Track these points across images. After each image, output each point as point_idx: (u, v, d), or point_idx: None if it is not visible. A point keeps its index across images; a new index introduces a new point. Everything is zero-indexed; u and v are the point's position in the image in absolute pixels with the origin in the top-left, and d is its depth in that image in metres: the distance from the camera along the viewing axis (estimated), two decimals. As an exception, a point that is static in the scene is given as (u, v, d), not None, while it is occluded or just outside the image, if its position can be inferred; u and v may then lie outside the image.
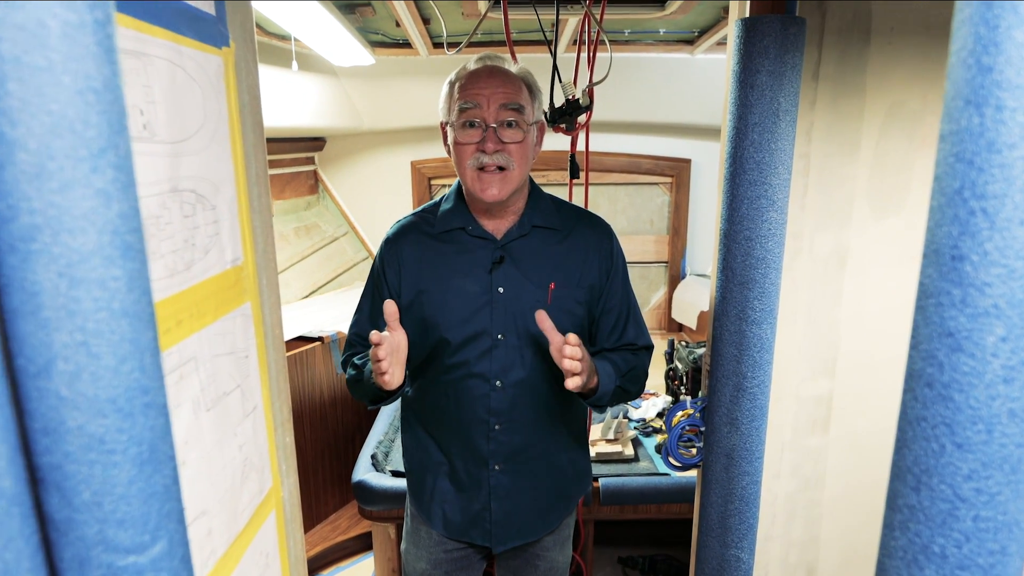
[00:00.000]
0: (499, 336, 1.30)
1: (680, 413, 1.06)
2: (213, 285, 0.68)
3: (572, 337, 1.13)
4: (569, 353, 1.12)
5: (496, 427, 1.33)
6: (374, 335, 1.13)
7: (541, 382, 1.34)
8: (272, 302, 0.85)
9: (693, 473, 2.03)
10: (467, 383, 1.32)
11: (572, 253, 1.34)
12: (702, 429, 1.05)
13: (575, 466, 1.45)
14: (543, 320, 1.16)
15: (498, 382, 1.31)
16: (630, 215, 3.61)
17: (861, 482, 1.34)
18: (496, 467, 1.35)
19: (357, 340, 1.41)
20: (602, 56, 1.58)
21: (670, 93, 3.09)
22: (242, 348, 0.75)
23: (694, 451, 1.08)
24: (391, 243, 1.36)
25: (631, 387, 1.31)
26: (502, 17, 1.61)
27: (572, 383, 1.13)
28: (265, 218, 0.83)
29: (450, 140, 1.29)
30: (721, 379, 0.96)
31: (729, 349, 0.93)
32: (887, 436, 1.31)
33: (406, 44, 2.63)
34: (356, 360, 1.37)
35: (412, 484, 1.47)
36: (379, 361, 1.15)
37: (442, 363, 1.33)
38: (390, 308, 1.16)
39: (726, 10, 2.25)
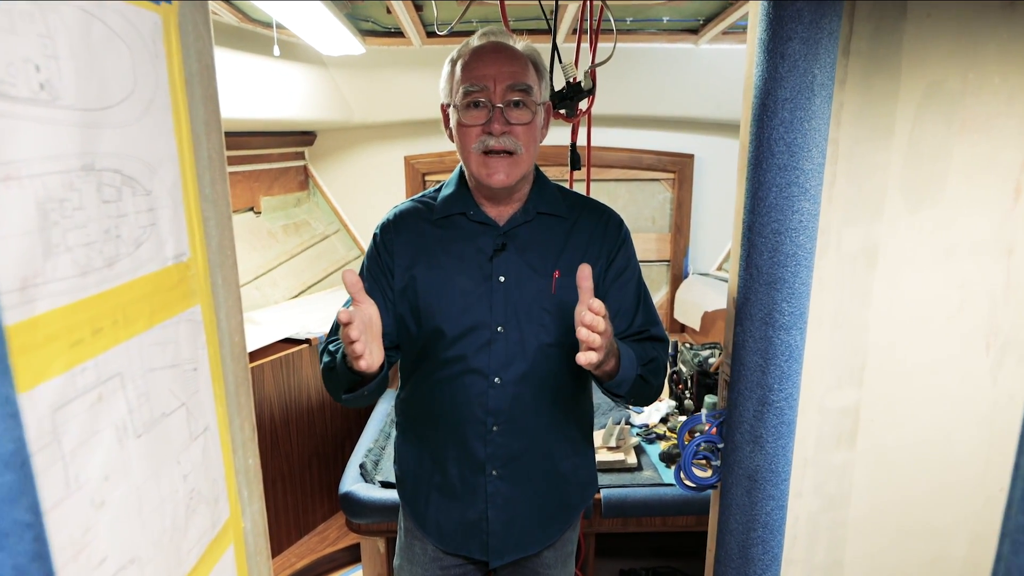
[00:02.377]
0: (499, 328, 1.21)
1: (694, 428, 0.95)
2: (148, 285, 0.57)
3: (597, 304, 0.98)
4: (589, 321, 0.97)
5: (494, 428, 1.23)
6: (342, 314, 0.98)
7: (544, 379, 1.23)
8: (230, 304, 0.74)
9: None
10: (463, 379, 1.22)
11: (578, 241, 1.24)
12: (719, 446, 0.94)
13: (579, 473, 1.34)
14: (585, 277, 1.01)
15: (497, 379, 1.21)
16: (631, 212, 3.49)
17: (889, 500, 1.23)
18: (493, 472, 1.25)
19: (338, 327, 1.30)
20: (604, 46, 1.48)
21: (673, 85, 2.98)
22: (188, 359, 0.64)
23: (709, 470, 0.97)
24: (387, 228, 1.27)
25: (653, 380, 1.20)
26: (497, 2, 1.51)
27: (585, 358, 0.98)
28: (221, 207, 0.72)
29: (453, 122, 1.20)
30: (744, 392, 0.85)
31: (753, 358, 0.83)
32: (918, 450, 1.19)
33: (398, 33, 2.52)
34: (331, 347, 1.25)
35: (404, 492, 1.36)
36: (352, 343, 1.00)
37: (437, 358, 1.23)
38: (350, 278, 1.00)
39: (733, -4, 2.14)
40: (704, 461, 0.98)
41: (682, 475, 0.95)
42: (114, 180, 0.52)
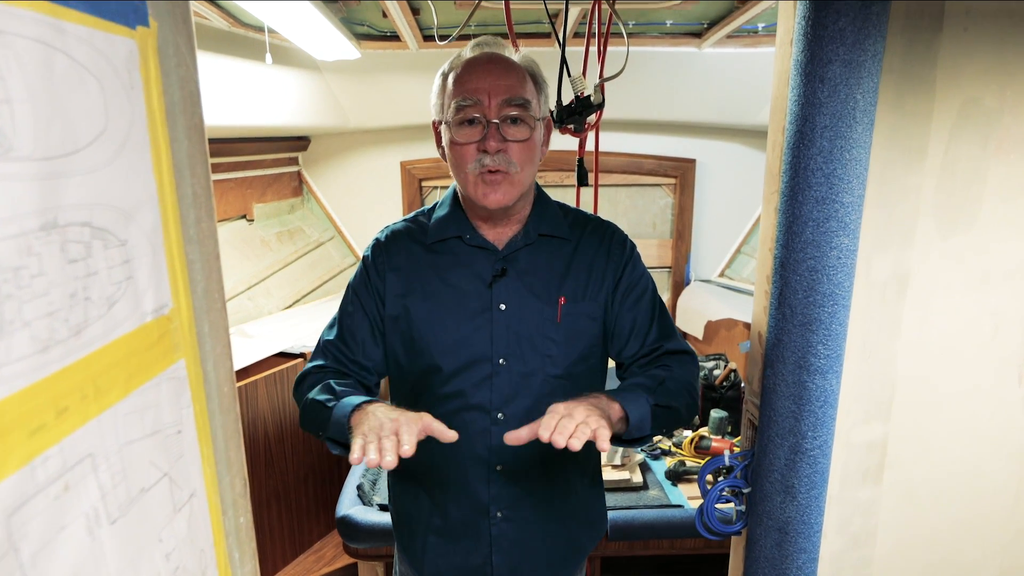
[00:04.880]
0: (500, 361, 1.13)
1: (717, 470, 0.89)
2: (123, 348, 0.50)
3: (550, 413, 0.93)
4: (545, 424, 0.90)
5: (498, 468, 1.16)
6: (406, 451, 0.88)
7: None
8: (219, 353, 0.67)
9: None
10: (463, 416, 1.15)
11: (581, 264, 1.17)
12: (744, 491, 0.88)
13: (589, 511, 1.27)
14: (518, 438, 0.94)
15: (500, 415, 1.14)
16: (631, 218, 3.44)
17: (915, 536, 1.18)
18: (498, 514, 1.18)
19: (330, 351, 1.20)
20: (613, 50, 1.42)
21: (675, 89, 2.92)
22: (171, 423, 0.58)
23: (731, 509, 0.91)
24: (377, 250, 1.19)
25: (676, 401, 1.10)
26: (498, 6, 1.44)
27: (579, 442, 0.90)
28: (208, 248, 0.65)
29: (445, 140, 1.12)
30: (775, 439, 0.79)
31: (785, 403, 0.77)
32: (946, 483, 1.13)
33: (394, 36, 2.45)
34: (334, 383, 1.12)
35: (401, 536, 1.29)
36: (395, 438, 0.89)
37: (434, 393, 1.16)
38: (428, 422, 0.92)
39: (740, 0, 2.08)
40: (726, 504, 0.92)
41: (704, 522, 0.89)
42: (82, 235, 0.45)
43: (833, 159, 0.68)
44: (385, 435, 0.88)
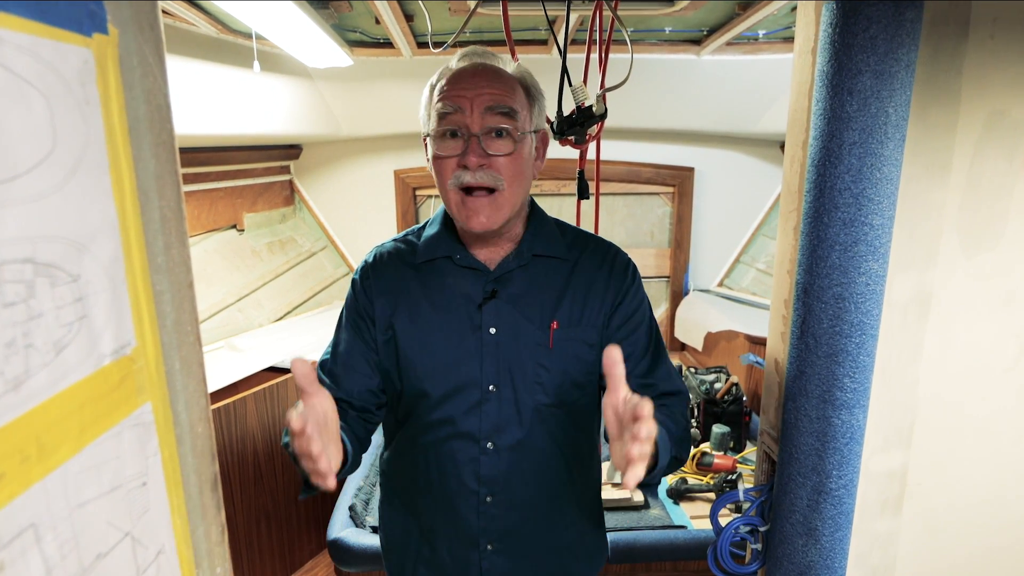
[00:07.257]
0: (490, 387, 1.08)
1: (731, 507, 0.83)
2: (76, 397, 0.44)
3: (646, 405, 0.72)
4: (644, 433, 0.71)
5: (488, 499, 1.10)
6: (294, 421, 0.76)
7: (543, 444, 1.11)
8: (192, 390, 0.61)
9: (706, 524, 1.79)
10: (451, 445, 1.09)
11: (578, 287, 1.11)
12: (761, 529, 0.82)
13: (585, 543, 1.21)
14: (614, 362, 0.76)
15: (489, 444, 1.09)
16: (629, 227, 3.39)
17: (936, 569, 1.13)
18: (488, 547, 1.13)
19: (325, 382, 1.13)
20: (612, 58, 1.36)
21: (673, 97, 2.87)
22: (135, 475, 0.52)
23: (747, 555, 0.85)
24: (366, 273, 1.14)
25: (684, 454, 1.05)
26: (494, 13, 1.38)
27: (633, 476, 0.72)
28: (179, 276, 0.59)
29: (428, 154, 1.06)
30: (795, 478, 0.73)
31: (807, 439, 0.71)
32: (969, 513, 1.07)
33: (387, 43, 2.40)
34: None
35: (390, 565, 1.23)
36: (312, 458, 0.77)
37: (422, 420, 1.10)
38: (301, 368, 0.78)
39: (742, 7, 2.04)
40: (740, 543, 0.86)
41: (718, 562, 0.83)
42: (22, 273, 0.39)
43: (862, 178, 0.62)
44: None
